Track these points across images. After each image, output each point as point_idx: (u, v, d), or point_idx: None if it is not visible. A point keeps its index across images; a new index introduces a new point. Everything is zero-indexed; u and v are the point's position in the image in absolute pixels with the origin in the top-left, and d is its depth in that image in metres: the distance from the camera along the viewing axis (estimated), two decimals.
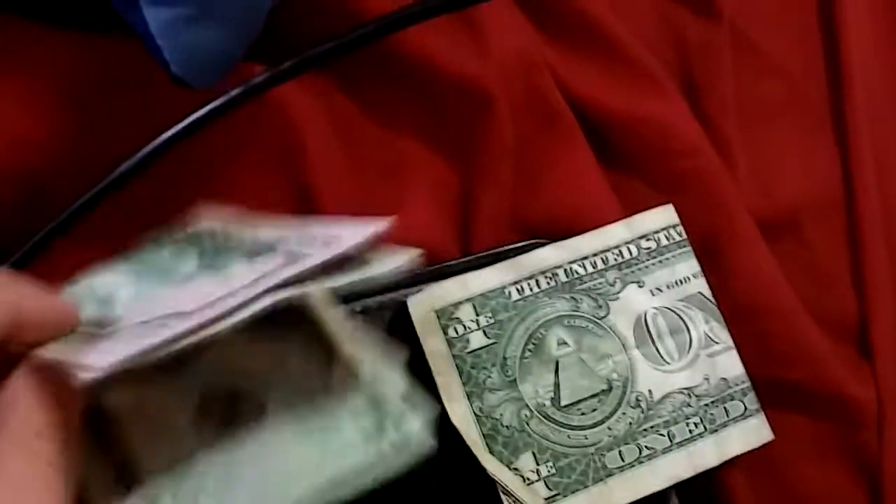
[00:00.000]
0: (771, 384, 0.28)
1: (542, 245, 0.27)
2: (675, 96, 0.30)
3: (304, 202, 0.27)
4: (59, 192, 0.24)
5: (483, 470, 0.24)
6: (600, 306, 0.26)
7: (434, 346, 0.25)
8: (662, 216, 0.28)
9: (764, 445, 0.26)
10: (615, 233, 0.27)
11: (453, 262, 0.27)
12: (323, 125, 0.27)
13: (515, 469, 0.24)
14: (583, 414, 0.25)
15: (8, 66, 0.25)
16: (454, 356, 0.25)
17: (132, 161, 0.24)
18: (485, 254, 0.27)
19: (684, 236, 0.28)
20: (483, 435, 0.24)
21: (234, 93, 0.24)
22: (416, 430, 0.19)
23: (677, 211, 0.28)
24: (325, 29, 0.27)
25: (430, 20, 0.28)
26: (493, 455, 0.24)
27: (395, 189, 0.28)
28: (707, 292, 0.27)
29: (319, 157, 0.27)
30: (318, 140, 0.27)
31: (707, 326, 0.27)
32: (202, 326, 0.16)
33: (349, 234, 0.19)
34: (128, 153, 0.24)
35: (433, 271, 0.26)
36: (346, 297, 0.25)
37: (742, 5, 0.33)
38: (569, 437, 0.25)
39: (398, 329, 0.25)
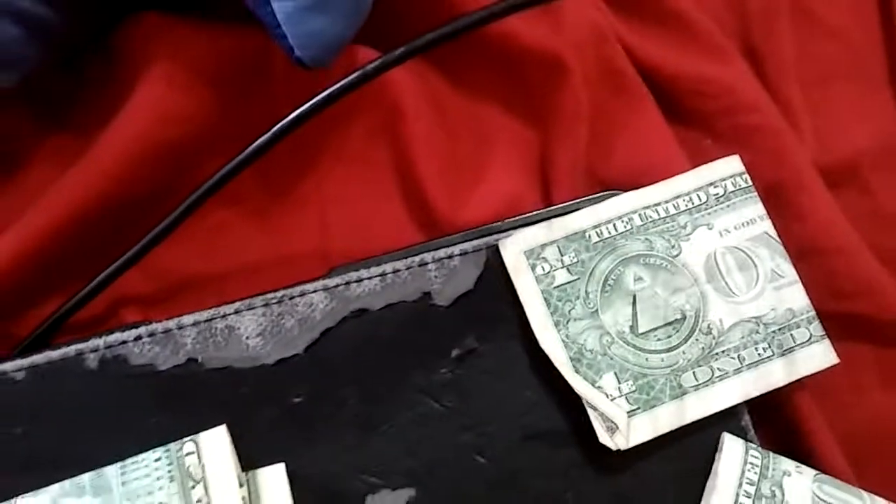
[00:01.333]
0: (837, 317, 0.30)
1: (618, 194, 0.30)
2: (737, 59, 0.32)
3: (404, 165, 0.31)
4: (204, 158, 0.29)
5: (571, 388, 0.27)
6: (673, 246, 0.29)
7: (524, 282, 0.28)
8: (729, 165, 0.30)
9: (831, 370, 0.28)
10: (685, 181, 0.30)
11: (538, 211, 0.30)
12: (419, 98, 0.31)
13: (599, 387, 0.27)
14: (658, 340, 0.28)
15: (151, 53, 0.29)
16: (542, 291, 0.28)
17: (269, 135, 0.28)
18: (565, 204, 0.30)
19: (749, 183, 0.30)
20: (570, 358, 0.28)
21: (352, 77, 0.28)
22: None
23: (743, 162, 0.30)
24: (421, 14, 0.31)
25: None
26: (580, 374, 0.27)
27: (483, 152, 0.32)
28: (772, 232, 0.30)
29: (417, 125, 0.31)
30: (416, 111, 0.31)
31: (773, 263, 0.29)
32: None
33: None
34: (257, 130, 0.28)
35: (521, 219, 0.30)
36: (448, 243, 0.29)
37: None
38: (647, 359, 0.28)
39: (493, 268, 0.29)
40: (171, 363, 0.27)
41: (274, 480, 0.25)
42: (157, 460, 0.25)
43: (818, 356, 0.29)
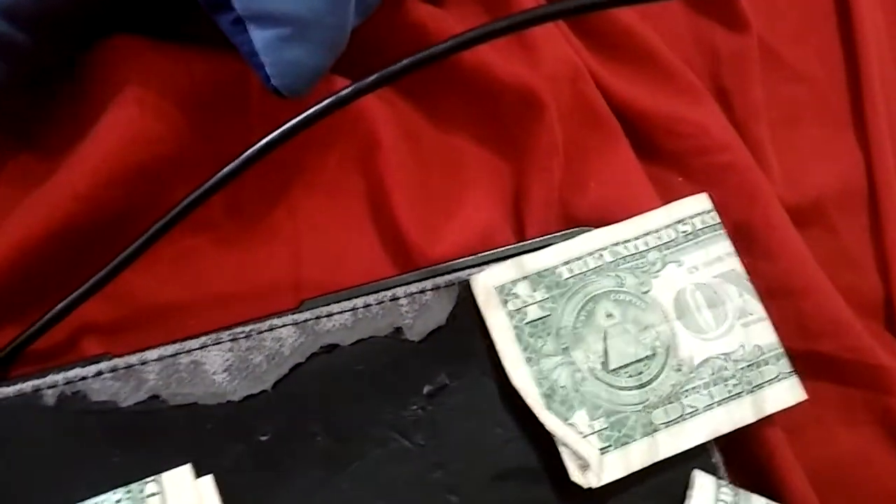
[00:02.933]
0: (804, 356, 0.30)
1: (589, 230, 0.30)
2: (708, 99, 0.33)
3: (378, 195, 0.31)
4: (175, 182, 0.28)
5: (543, 425, 0.27)
6: (643, 283, 0.29)
7: (496, 318, 0.28)
8: (697, 203, 0.31)
9: (799, 406, 0.29)
10: (655, 218, 0.30)
11: (510, 246, 0.30)
12: (394, 128, 0.31)
13: (571, 424, 0.27)
14: (630, 376, 0.28)
15: (123, 75, 0.29)
16: (514, 326, 0.28)
17: (238, 161, 0.27)
18: (537, 239, 0.30)
19: (718, 220, 0.30)
20: (542, 395, 0.27)
21: (324, 104, 0.27)
22: None
23: (713, 200, 0.31)
24: (396, 44, 0.31)
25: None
26: (552, 411, 0.27)
27: (456, 184, 0.32)
28: (740, 269, 0.30)
29: (392, 156, 0.31)
30: (391, 141, 0.31)
31: (741, 300, 0.30)
32: None
33: None
34: (230, 155, 0.28)
35: (493, 254, 0.30)
36: (420, 277, 0.29)
37: (765, 18, 0.36)
38: (618, 395, 0.28)
39: (465, 303, 0.28)
40: (132, 400, 0.26)
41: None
42: (117, 502, 0.24)
43: (787, 393, 0.29)
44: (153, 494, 0.24)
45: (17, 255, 0.27)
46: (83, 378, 0.26)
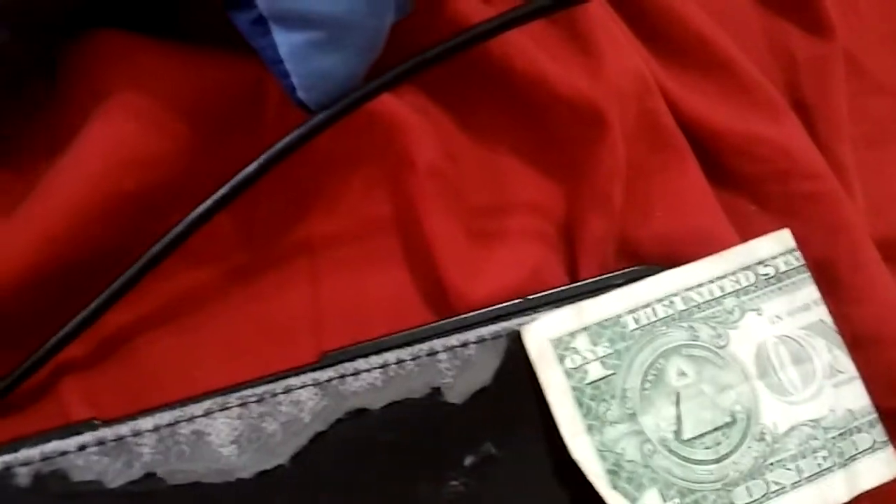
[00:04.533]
0: (894, 415, 0.27)
1: (655, 272, 0.26)
2: (790, 117, 0.29)
3: (409, 224, 0.27)
4: (174, 211, 0.24)
5: None
6: (719, 335, 0.25)
7: (551, 377, 0.24)
8: (779, 241, 0.27)
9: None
10: (731, 258, 0.26)
11: (564, 288, 0.26)
12: (430, 146, 0.27)
13: None
14: (707, 448, 0.24)
15: (117, 83, 0.24)
16: (572, 388, 0.24)
17: (244, 174, 0.23)
18: (596, 279, 0.26)
19: (802, 262, 0.26)
20: (606, 471, 0.24)
21: (338, 106, 0.23)
22: None
23: (794, 236, 0.27)
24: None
25: (537, 37, 0.27)
26: (618, 491, 0.23)
27: (501, 213, 0.28)
28: (828, 320, 0.26)
29: (427, 179, 0.26)
30: (426, 161, 0.26)
31: (831, 355, 0.26)
32: None
33: None
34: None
35: (544, 297, 0.26)
36: (460, 325, 0.25)
37: (845, 22, 0.32)
38: (694, 471, 0.24)
39: (514, 358, 0.24)
40: (123, 479, 0.22)
41: None
42: None
43: (882, 465, 0.25)
44: None
45: None
46: (64, 453, 0.22)
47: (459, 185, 0.27)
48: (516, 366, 0.24)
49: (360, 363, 0.24)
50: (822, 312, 0.26)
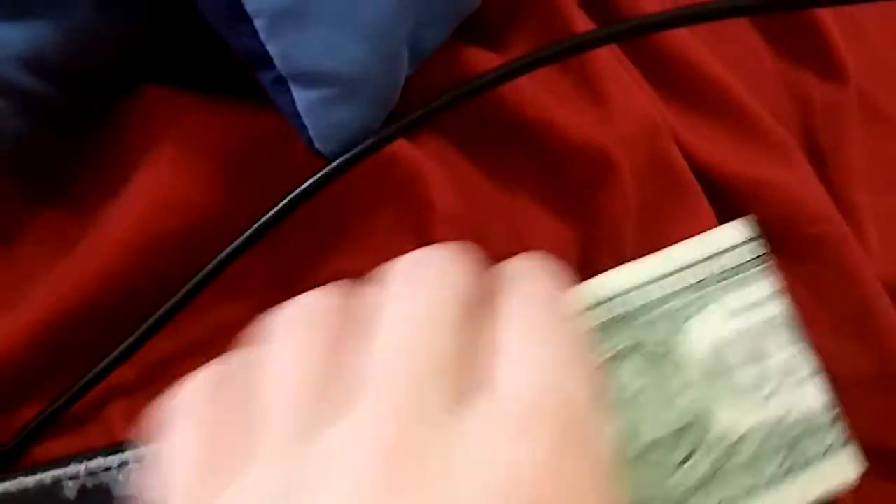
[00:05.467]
0: None
1: None
2: (801, 161, 0.29)
3: None
4: (211, 249, 0.26)
5: None
6: (675, 332, 0.25)
7: None
8: (738, 230, 0.26)
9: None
10: (691, 249, 0.25)
11: None
12: (450, 190, 0.28)
13: None
14: (663, 453, 0.24)
15: (162, 135, 0.27)
16: None
17: (268, 216, 0.25)
18: None
19: (763, 251, 0.26)
20: None
21: (352, 152, 0.25)
22: None
23: (805, 276, 0.27)
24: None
25: (549, 84, 0.29)
26: None
27: (517, 253, 0.29)
28: (788, 314, 0.25)
29: (446, 221, 0.28)
30: (446, 205, 0.28)
31: (789, 352, 0.25)
32: None
33: None
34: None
35: None
36: None
37: (861, 65, 0.32)
38: (650, 478, 0.24)
39: None
40: None
41: None
42: None
43: (843, 467, 0.24)
44: None
45: (40, 331, 0.25)
46: (107, 469, 0.24)
47: (477, 229, 0.29)
48: None
49: None
50: (781, 306, 0.25)
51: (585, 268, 0.29)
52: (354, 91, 0.24)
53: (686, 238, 0.28)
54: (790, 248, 0.29)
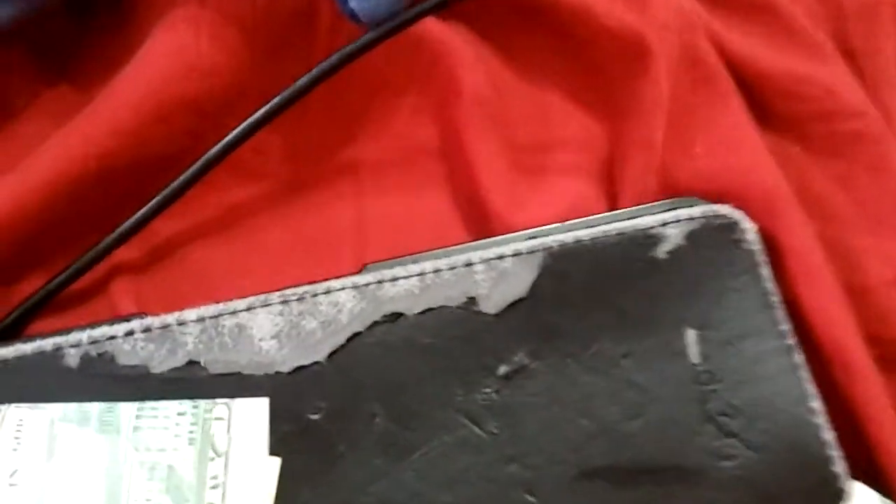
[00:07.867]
0: None
1: (692, 203, 0.26)
2: (836, 59, 0.28)
3: (455, 151, 0.27)
4: (228, 121, 0.25)
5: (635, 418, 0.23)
6: None
7: None
8: None
9: None
10: None
11: (601, 215, 0.26)
12: (478, 77, 0.27)
13: None
14: None
15: None
16: None
17: (294, 87, 0.24)
18: (633, 208, 0.26)
19: None
20: None
21: (388, 25, 0.24)
22: None
23: (838, 176, 0.26)
24: None
25: None
26: None
27: (545, 145, 0.28)
28: None
29: (474, 107, 0.27)
30: (473, 90, 0.27)
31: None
32: None
33: None
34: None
35: (581, 221, 0.26)
36: (497, 242, 0.25)
37: None
38: None
39: (550, 273, 0.24)
40: (167, 365, 0.22)
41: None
42: (180, 414, 0.21)
43: None
44: (219, 419, 0.21)
45: (46, 194, 0.24)
46: (111, 337, 0.22)
47: (504, 116, 0.28)
48: (553, 281, 0.24)
49: (399, 270, 0.24)
50: None
51: (615, 159, 0.28)
52: None
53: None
54: (825, 146, 0.28)
